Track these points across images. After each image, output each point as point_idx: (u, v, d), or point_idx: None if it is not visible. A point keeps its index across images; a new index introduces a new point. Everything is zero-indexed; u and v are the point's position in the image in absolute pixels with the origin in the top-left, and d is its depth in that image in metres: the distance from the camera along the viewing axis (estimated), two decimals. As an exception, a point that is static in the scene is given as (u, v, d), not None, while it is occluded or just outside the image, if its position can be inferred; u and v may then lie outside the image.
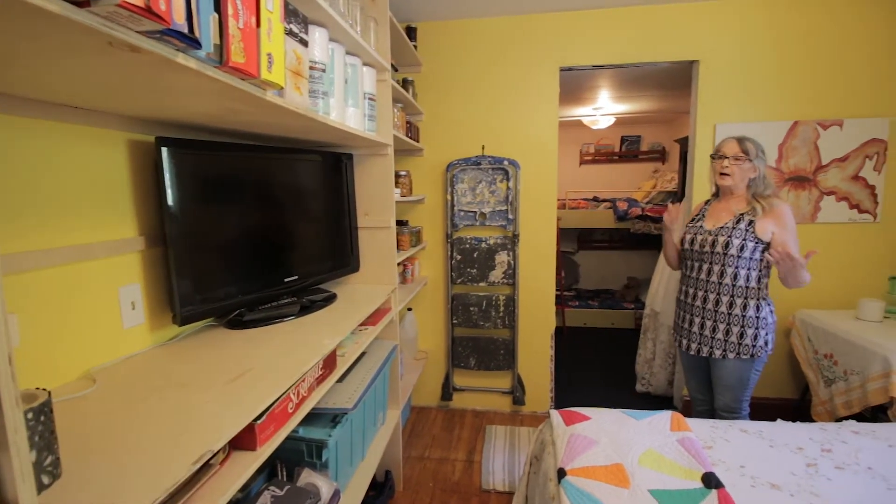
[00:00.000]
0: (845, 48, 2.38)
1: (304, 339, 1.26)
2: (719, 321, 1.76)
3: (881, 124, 2.41)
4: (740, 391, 1.80)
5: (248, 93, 0.82)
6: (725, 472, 1.32)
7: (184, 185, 1.12)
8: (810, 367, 2.34)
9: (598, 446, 1.43)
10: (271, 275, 1.49)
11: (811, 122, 2.46)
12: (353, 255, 1.92)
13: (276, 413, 0.98)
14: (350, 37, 1.38)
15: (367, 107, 1.64)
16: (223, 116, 1.10)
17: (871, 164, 2.45)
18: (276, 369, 1.03)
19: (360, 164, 1.91)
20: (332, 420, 1.39)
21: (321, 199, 1.75)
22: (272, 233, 1.52)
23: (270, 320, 1.39)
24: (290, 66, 0.97)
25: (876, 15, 2.35)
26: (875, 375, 1.92)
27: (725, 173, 1.74)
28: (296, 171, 1.62)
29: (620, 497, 1.21)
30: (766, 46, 2.43)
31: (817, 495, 1.22)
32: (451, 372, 2.84)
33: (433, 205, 2.78)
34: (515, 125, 2.66)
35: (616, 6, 2.49)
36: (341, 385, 1.53)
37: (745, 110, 2.50)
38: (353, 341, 1.52)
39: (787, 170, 2.51)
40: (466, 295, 2.73)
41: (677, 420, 1.56)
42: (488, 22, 2.61)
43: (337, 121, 1.36)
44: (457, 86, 2.68)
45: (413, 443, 2.50)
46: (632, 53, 2.53)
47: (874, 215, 2.48)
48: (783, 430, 1.56)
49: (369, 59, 1.63)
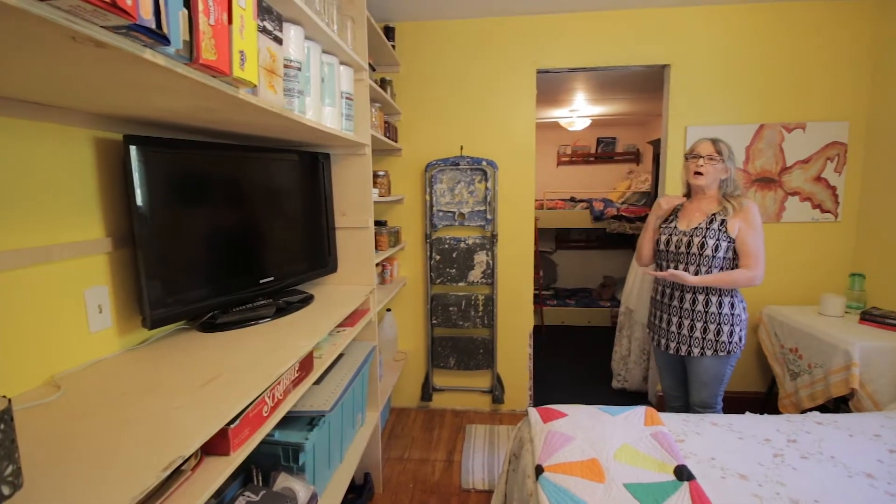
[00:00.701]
0: (808, 54, 2.49)
1: (280, 341, 1.24)
2: (696, 319, 1.80)
3: (841, 128, 2.53)
4: (716, 387, 1.85)
5: (219, 90, 0.80)
6: (697, 465, 1.36)
7: (154, 185, 1.09)
8: (777, 361, 2.43)
9: (575, 442, 1.45)
10: (246, 276, 1.47)
11: (776, 125, 2.56)
12: (330, 256, 1.90)
13: (250, 417, 0.96)
14: (326, 35, 1.36)
15: (345, 106, 1.63)
16: (195, 114, 1.08)
17: (832, 166, 2.56)
18: (250, 372, 1.01)
19: (338, 164, 1.90)
20: (310, 423, 1.38)
21: (298, 199, 1.73)
22: (247, 233, 1.49)
23: (245, 322, 1.36)
24: (264, 64, 0.95)
25: (836, 24, 2.46)
26: (837, 368, 2.01)
27: (700, 172, 1.78)
28: (271, 171, 1.59)
29: (596, 491, 1.23)
30: (734, 52, 2.52)
31: (783, 484, 1.27)
32: (430, 372, 2.84)
33: (412, 205, 2.77)
34: (493, 126, 2.68)
35: (591, 10, 2.53)
36: (319, 387, 1.51)
37: (715, 113, 2.58)
38: (331, 343, 1.51)
39: (754, 171, 2.60)
40: (446, 295, 2.74)
41: (651, 415, 1.60)
42: (466, 23, 2.62)
43: (313, 120, 1.34)
44: (435, 86, 2.68)
45: (393, 444, 2.49)
46: (606, 57, 2.58)
47: (835, 215, 2.60)
48: (751, 423, 1.61)
49: (346, 58, 1.62)
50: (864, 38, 2.45)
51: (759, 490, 1.25)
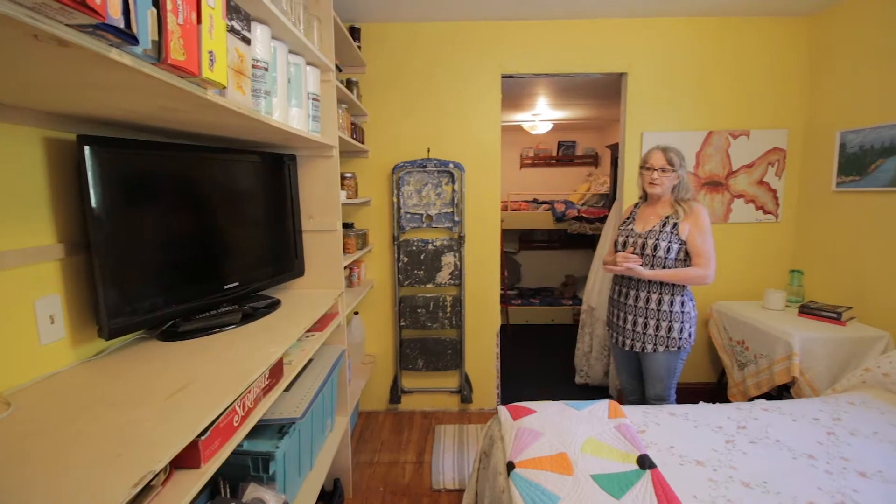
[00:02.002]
0: (752, 66, 2.67)
1: (249, 348, 1.21)
2: (650, 317, 1.89)
3: (781, 135, 2.73)
4: (669, 380, 1.95)
5: (188, 92, 0.78)
6: (657, 453, 1.43)
7: (110, 187, 1.04)
8: (726, 352, 2.59)
9: (544, 438, 1.49)
10: (209, 282, 1.42)
11: (723, 132, 2.73)
12: (297, 260, 1.86)
13: (221, 427, 0.93)
14: (293, 35, 1.34)
15: (311, 107, 1.61)
16: (158, 115, 1.03)
17: (773, 171, 2.76)
18: (219, 381, 0.98)
19: (304, 166, 1.86)
20: (280, 430, 1.35)
21: (263, 201, 1.68)
22: (210, 237, 1.44)
23: (210, 330, 1.32)
24: (233, 65, 0.93)
25: (777, 39, 2.65)
26: (780, 358, 2.17)
27: (655, 183, 1.88)
28: (235, 173, 1.55)
29: (565, 484, 1.27)
30: (685, 63, 2.66)
31: (735, 468, 1.36)
32: (399, 374, 2.83)
33: (379, 207, 2.76)
34: (460, 129, 2.71)
35: (553, 18, 2.61)
36: (288, 394, 1.48)
37: (668, 120, 2.72)
38: (300, 348, 1.48)
39: (704, 175, 2.76)
40: (414, 297, 2.74)
41: (614, 408, 1.67)
42: (433, 26, 2.64)
43: (280, 121, 1.32)
44: (402, 88, 2.68)
45: (362, 448, 2.47)
46: (568, 64, 2.67)
47: (776, 215, 2.80)
48: (705, 412, 1.72)
49: (313, 58, 1.59)
50: (801, 52, 2.66)
51: (713, 475, 1.33)
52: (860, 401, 1.75)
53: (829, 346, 2.13)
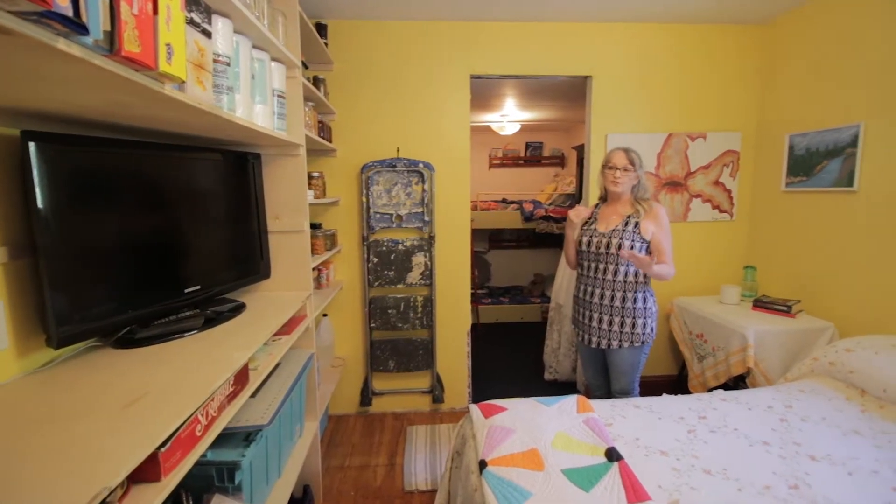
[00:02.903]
0: (708, 71, 2.79)
1: (212, 354, 1.16)
2: (614, 314, 1.95)
3: (735, 137, 2.87)
4: (633, 374, 2.01)
5: (143, 86, 0.74)
6: (624, 446, 1.47)
7: (59, 187, 0.98)
8: (686, 346, 2.70)
9: (516, 434, 1.51)
10: (168, 286, 1.35)
11: (682, 134, 2.84)
12: (263, 262, 1.81)
13: (182, 438, 0.89)
14: (257, 29, 1.30)
15: (277, 104, 1.56)
16: (112, 110, 0.98)
17: (727, 171, 2.90)
18: (179, 390, 0.94)
19: (270, 165, 1.81)
20: (246, 438, 1.30)
21: (226, 201, 1.62)
22: (168, 239, 1.37)
23: (169, 336, 1.26)
24: (192, 59, 0.89)
25: (732, 45, 2.78)
26: (735, 350, 2.27)
27: (617, 181, 1.93)
28: (195, 172, 1.48)
29: (536, 479, 1.29)
30: (646, 67, 2.76)
31: (697, 457, 1.42)
32: (369, 376, 2.80)
33: (348, 207, 2.72)
34: (429, 128, 2.71)
35: (520, 20, 2.64)
36: (255, 400, 1.44)
37: (631, 122, 2.81)
38: (267, 353, 1.44)
39: (664, 175, 2.87)
40: (384, 297, 2.71)
41: (582, 402, 1.71)
42: (401, 25, 2.62)
43: (243, 118, 1.27)
44: (370, 86, 2.65)
45: (332, 453, 2.42)
46: (535, 66, 2.71)
47: (731, 214, 2.94)
48: (668, 403, 1.78)
49: (278, 54, 1.55)
50: (753, 59, 2.80)
51: (677, 464, 1.39)
52: (809, 388, 1.86)
53: (781, 337, 2.25)
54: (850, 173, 2.22)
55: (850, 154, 2.21)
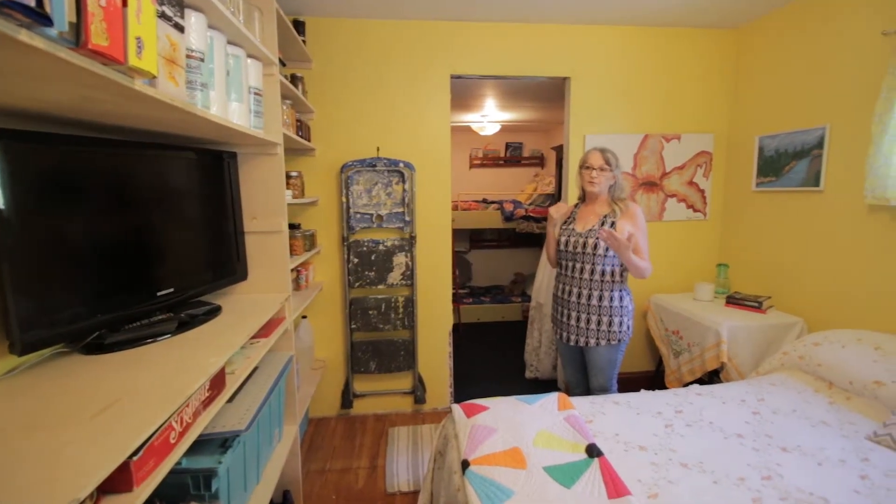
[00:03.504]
0: (682, 74, 2.86)
1: (186, 358, 1.13)
2: (592, 313, 1.97)
3: (708, 139, 2.95)
4: (611, 371, 2.04)
5: (112, 81, 0.71)
6: (604, 441, 1.50)
7: (23, 186, 0.93)
8: (663, 342, 2.76)
9: (498, 433, 1.52)
10: (140, 289, 1.31)
11: (657, 135, 2.90)
12: (239, 263, 1.77)
13: (155, 446, 0.86)
14: (232, 25, 1.27)
15: (253, 102, 1.53)
16: (81, 106, 0.93)
17: (701, 172, 2.98)
18: (152, 396, 0.91)
19: (246, 164, 1.77)
20: (223, 444, 1.27)
21: (200, 201, 1.58)
22: (140, 240, 1.33)
23: (141, 341, 1.22)
24: (164, 53, 0.86)
25: (705, 49, 2.86)
26: (710, 345, 2.34)
27: (593, 181, 1.96)
28: (168, 171, 1.44)
29: (519, 478, 1.30)
30: (624, 69, 2.81)
31: (674, 451, 1.45)
32: (350, 378, 2.77)
33: (327, 207, 2.68)
34: (410, 128, 2.69)
35: (501, 21, 2.66)
36: (232, 405, 1.40)
37: (609, 123, 2.85)
38: (244, 356, 1.41)
39: (641, 176, 2.93)
40: (365, 298, 2.69)
41: (563, 400, 1.72)
42: (382, 24, 2.60)
43: (218, 115, 1.24)
44: (350, 85, 2.62)
45: (312, 456, 2.39)
46: (515, 66, 2.73)
47: (704, 213, 3.02)
48: (645, 399, 1.81)
49: (254, 50, 1.52)
50: (727, 62, 2.88)
51: (655, 458, 1.41)
52: (780, 382, 1.92)
53: (752, 332, 2.33)
54: (816, 173, 2.31)
55: (817, 155, 2.30)
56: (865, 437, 1.50)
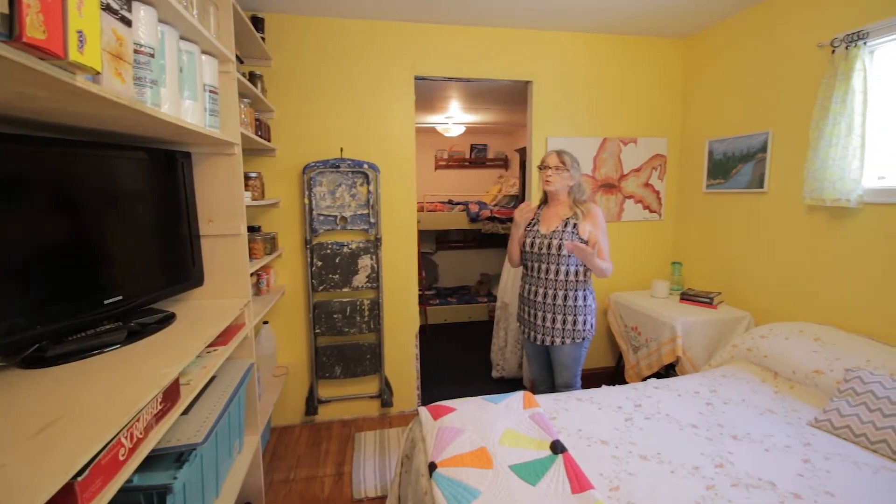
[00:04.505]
0: (638, 80, 2.98)
1: (136, 370, 1.07)
2: (557, 312, 2.02)
3: (662, 143, 3.08)
4: (575, 368, 2.10)
5: (51, 76, 0.66)
6: (568, 437, 1.53)
7: (-55, 188, 0.85)
8: (622, 338, 2.86)
9: (465, 434, 1.52)
10: (85, 297, 1.23)
11: (615, 139, 3.00)
12: (195, 268, 1.69)
13: (103, 464, 0.81)
14: (184, 19, 1.21)
15: (209, 100, 1.47)
16: (17, 103, 0.87)
17: (656, 174, 3.10)
18: (99, 411, 0.86)
19: (201, 165, 1.70)
20: (178, 459, 1.21)
21: (151, 203, 1.50)
22: (85, 246, 1.25)
23: (87, 353, 1.14)
24: (109, 48, 0.81)
25: (659, 56, 2.98)
26: (666, 340, 2.44)
27: (549, 181, 2.02)
28: (116, 172, 1.36)
29: (485, 477, 1.31)
30: (583, 74, 2.89)
31: (634, 443, 1.50)
32: (315, 384, 2.71)
33: (289, 209, 2.61)
34: (374, 129, 2.67)
35: (463, 24, 2.68)
36: (188, 417, 1.34)
37: (570, 126, 2.93)
38: (201, 366, 1.35)
39: (600, 178, 3.02)
40: (329, 302, 2.64)
41: (528, 398, 1.75)
42: (344, 23, 2.56)
43: (170, 114, 1.18)
44: (312, 84, 2.57)
45: (276, 466, 2.32)
46: (478, 69, 2.76)
47: (660, 214, 3.15)
48: (607, 394, 1.87)
49: (209, 46, 1.46)
50: (676, 70, 3.02)
51: (616, 451, 1.46)
52: (731, 373, 2.03)
53: (705, 327, 2.44)
54: (760, 176, 2.45)
55: (761, 158, 2.45)
56: (807, 423, 1.60)
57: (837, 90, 1.93)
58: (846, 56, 1.91)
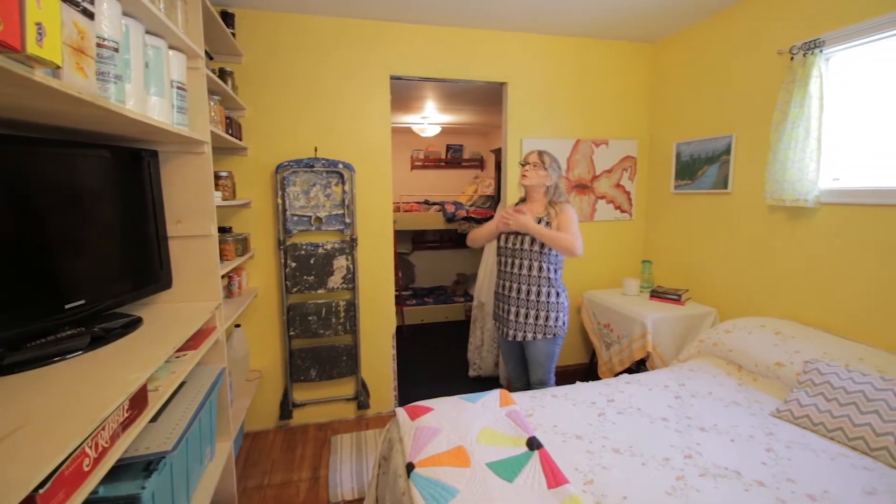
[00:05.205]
0: (609, 83, 3.05)
1: (101, 376, 1.03)
2: (530, 308, 2.05)
3: (632, 144, 3.16)
4: (548, 365, 2.13)
5: (7, 70, 0.63)
6: (543, 434, 1.56)
7: None
8: (595, 335, 2.92)
9: (442, 434, 1.53)
10: (45, 301, 1.17)
11: (588, 140, 3.07)
12: (163, 270, 1.64)
13: (66, 475, 0.78)
14: (150, 12, 1.18)
15: (176, 97, 1.43)
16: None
17: (627, 175, 3.19)
18: (61, 420, 0.82)
19: (170, 164, 1.64)
20: (147, 468, 1.17)
21: (114, 204, 1.44)
22: (44, 249, 1.19)
23: (47, 360, 1.09)
24: (70, 42, 0.78)
25: (629, 60, 3.06)
26: (637, 336, 2.50)
27: (525, 175, 2.06)
28: (78, 170, 1.30)
29: (464, 476, 1.32)
30: (556, 76, 2.94)
31: (607, 438, 1.54)
32: (289, 388, 2.66)
33: (261, 209, 2.56)
34: (349, 128, 2.64)
35: (438, 24, 2.68)
36: (156, 424, 1.30)
37: (544, 128, 2.97)
38: (169, 371, 1.31)
39: (573, 178, 3.08)
40: (304, 304, 2.60)
41: (504, 396, 1.77)
42: (318, 20, 2.52)
43: (135, 111, 1.14)
44: (285, 82, 2.52)
45: (249, 473, 2.26)
46: (453, 70, 2.76)
47: (630, 214, 3.24)
48: (581, 390, 1.91)
49: (176, 41, 1.41)
50: (646, 73, 3.11)
51: (590, 446, 1.49)
52: (698, 367, 2.10)
53: (673, 323, 2.52)
54: (725, 177, 2.55)
55: (725, 160, 2.55)
56: (770, 413, 1.68)
57: (796, 95, 2.03)
58: (804, 63, 2.01)
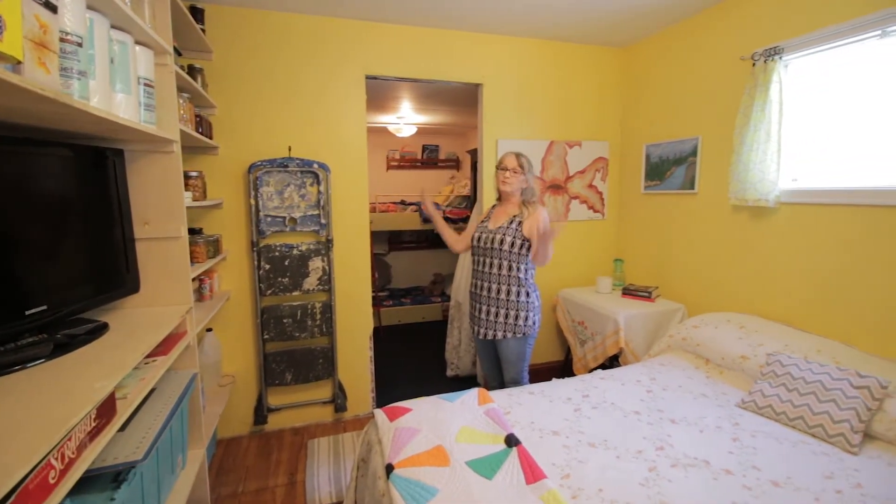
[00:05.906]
0: (582, 85, 3.11)
1: (66, 385, 0.99)
2: (500, 307, 2.08)
3: (604, 146, 3.24)
4: (520, 364, 2.16)
5: (-39, 65, 0.60)
6: (521, 431, 1.58)
7: None
8: (570, 332, 2.98)
9: (421, 434, 1.53)
10: (2, 307, 1.11)
11: (561, 142, 3.12)
12: (129, 274, 1.58)
13: (31, 489, 0.75)
14: (116, 6, 1.13)
15: (143, 94, 1.38)
16: None
17: (599, 176, 3.26)
18: (23, 432, 0.78)
19: (137, 163, 1.59)
20: (116, 479, 1.13)
21: (77, 205, 1.38)
22: (0, 252, 1.13)
23: (7, 368, 1.04)
24: (32, 36, 0.74)
25: (601, 63, 3.13)
26: (610, 333, 2.57)
27: (506, 181, 2.08)
28: (37, 170, 1.24)
29: (443, 475, 1.33)
30: (531, 78, 2.98)
31: (582, 432, 1.57)
32: (264, 392, 2.60)
33: (233, 210, 2.50)
34: (324, 128, 2.61)
35: (414, 25, 2.68)
36: (125, 433, 1.25)
37: (519, 129, 3.01)
38: (138, 378, 1.26)
39: (548, 179, 3.13)
40: (279, 306, 2.55)
41: (483, 395, 1.79)
42: (291, 17, 2.48)
43: (100, 108, 1.10)
44: (257, 80, 2.47)
45: (223, 480, 2.21)
46: (429, 70, 2.77)
47: (603, 214, 3.31)
48: (557, 387, 1.95)
49: (144, 37, 1.37)
50: (615, 77, 3.19)
51: (566, 441, 1.53)
52: (668, 362, 2.17)
53: (644, 319, 2.60)
54: (692, 178, 2.65)
55: (692, 162, 2.64)
56: (736, 404, 1.75)
57: (757, 100, 2.12)
58: (765, 69, 2.10)
